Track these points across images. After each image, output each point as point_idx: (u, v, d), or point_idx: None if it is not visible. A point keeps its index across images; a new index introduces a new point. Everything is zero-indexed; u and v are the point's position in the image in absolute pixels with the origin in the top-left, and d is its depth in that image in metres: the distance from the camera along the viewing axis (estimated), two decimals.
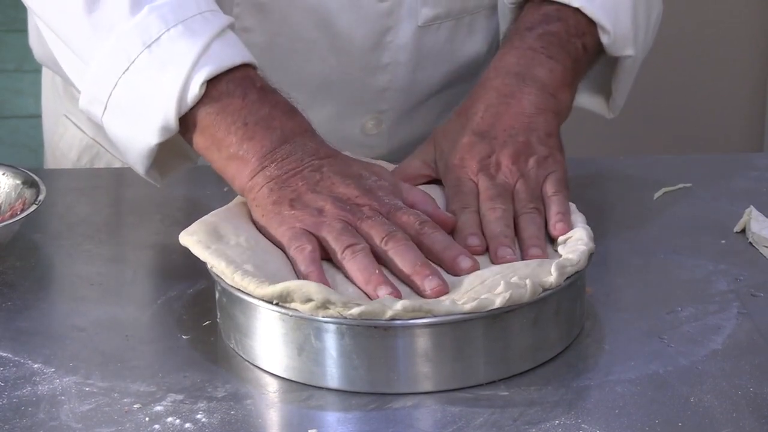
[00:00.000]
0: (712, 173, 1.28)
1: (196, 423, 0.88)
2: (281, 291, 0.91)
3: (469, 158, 1.07)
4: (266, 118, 1.05)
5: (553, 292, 0.93)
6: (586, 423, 0.87)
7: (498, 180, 1.05)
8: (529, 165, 1.07)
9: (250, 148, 1.04)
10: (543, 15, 1.17)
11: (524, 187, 1.05)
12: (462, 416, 0.89)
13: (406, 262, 0.96)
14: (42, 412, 0.90)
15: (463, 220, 1.03)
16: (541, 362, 0.94)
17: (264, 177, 1.02)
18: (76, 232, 1.19)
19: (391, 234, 0.97)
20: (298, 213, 1.00)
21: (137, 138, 1.08)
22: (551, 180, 1.06)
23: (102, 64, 1.08)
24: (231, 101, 1.05)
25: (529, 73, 1.12)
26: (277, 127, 1.04)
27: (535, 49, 1.14)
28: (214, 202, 1.05)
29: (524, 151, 1.07)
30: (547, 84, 1.12)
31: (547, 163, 1.07)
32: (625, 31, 1.19)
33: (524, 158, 1.07)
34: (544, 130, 1.09)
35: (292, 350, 0.92)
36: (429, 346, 0.91)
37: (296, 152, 1.03)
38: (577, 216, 1.03)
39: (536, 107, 1.10)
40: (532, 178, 1.06)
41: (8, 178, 1.16)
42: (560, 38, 1.15)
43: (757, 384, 0.91)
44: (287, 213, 1.00)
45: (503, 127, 1.09)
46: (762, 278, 1.06)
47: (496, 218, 1.02)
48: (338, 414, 0.90)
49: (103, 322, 1.02)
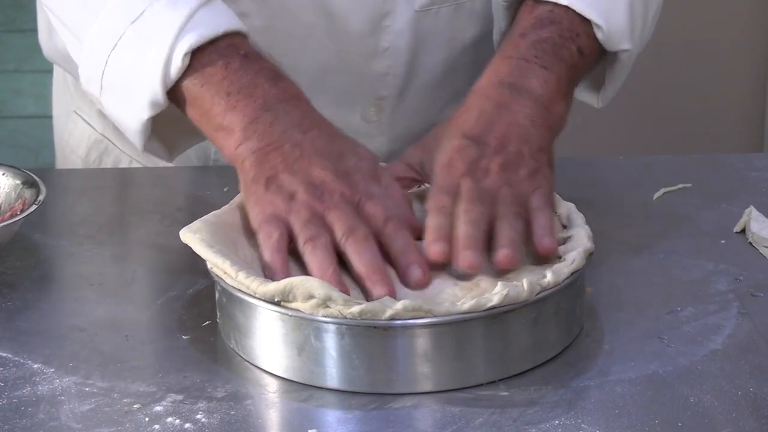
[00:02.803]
0: (712, 173, 1.28)
1: (196, 423, 0.88)
2: (284, 287, 0.91)
3: (457, 159, 1.05)
4: (248, 86, 1.04)
5: (552, 292, 0.93)
6: (586, 423, 0.87)
7: (483, 184, 1.03)
8: (519, 175, 1.04)
9: (232, 119, 1.04)
10: (536, 19, 1.15)
11: (510, 193, 1.02)
12: (462, 416, 0.89)
13: (361, 263, 0.96)
14: (42, 412, 0.90)
15: (433, 223, 0.99)
16: (540, 362, 0.94)
17: (246, 149, 1.03)
18: (76, 232, 1.19)
19: (352, 229, 0.97)
20: (270, 196, 1.00)
21: (130, 114, 1.09)
22: (539, 194, 1.03)
23: (93, 43, 1.09)
24: (214, 71, 1.05)
25: (524, 84, 1.10)
26: (260, 96, 1.04)
27: (529, 59, 1.12)
28: (215, 202, 1.05)
29: (515, 161, 1.05)
30: (541, 96, 1.10)
31: (537, 177, 1.05)
32: (621, 26, 1.17)
33: (514, 168, 1.04)
34: (537, 143, 1.07)
35: (292, 350, 0.92)
36: (429, 346, 0.91)
37: (279, 123, 1.03)
38: (577, 216, 1.03)
39: (530, 120, 1.08)
40: (519, 187, 1.03)
41: (8, 178, 1.16)
42: (554, 44, 1.13)
43: (756, 384, 0.91)
44: (261, 194, 1.00)
45: (496, 135, 1.06)
46: (762, 278, 1.06)
47: (468, 220, 0.99)
48: (338, 414, 0.90)
49: (103, 322, 1.02)
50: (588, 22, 1.15)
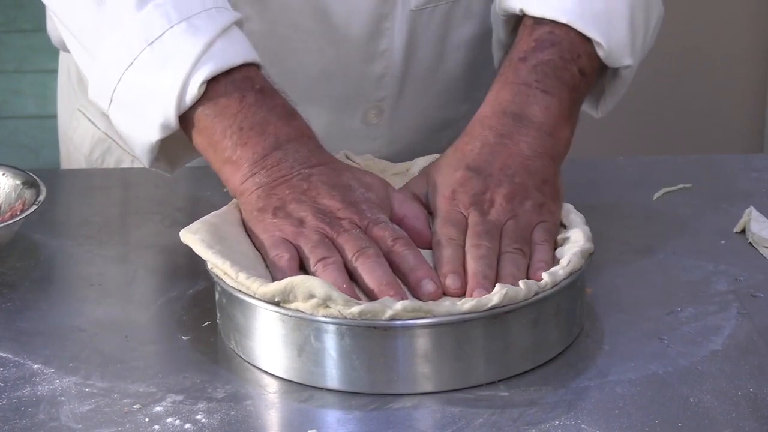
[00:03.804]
0: (712, 173, 1.28)
1: (196, 423, 0.88)
2: (285, 286, 0.91)
3: (461, 192, 1.04)
4: (261, 123, 1.04)
5: (552, 293, 0.93)
6: (586, 423, 0.87)
7: (489, 216, 1.02)
8: (524, 207, 1.03)
9: (243, 154, 1.04)
10: (536, 41, 1.14)
11: (514, 227, 1.01)
12: (462, 417, 0.89)
13: (373, 279, 0.95)
14: (42, 412, 0.90)
15: (446, 255, 0.99)
16: (540, 362, 0.94)
17: (254, 183, 1.03)
18: (76, 232, 1.19)
19: (363, 250, 0.97)
20: (279, 222, 1.00)
21: (139, 133, 1.09)
22: (542, 228, 1.02)
23: (107, 60, 1.08)
24: (228, 104, 1.05)
25: (526, 112, 1.09)
26: (272, 133, 1.04)
27: (530, 84, 1.10)
28: (215, 203, 1.05)
29: (520, 192, 1.04)
30: (543, 123, 1.09)
31: (542, 210, 1.04)
32: (622, 42, 1.16)
33: (519, 200, 1.04)
34: (541, 175, 1.06)
35: (292, 351, 0.92)
36: (429, 347, 0.91)
37: (287, 159, 1.03)
38: (576, 216, 1.03)
39: (534, 150, 1.07)
40: (524, 221, 1.02)
41: (8, 178, 1.16)
42: (555, 67, 1.12)
43: (756, 384, 0.91)
44: (270, 221, 1.00)
45: (500, 166, 1.06)
46: (762, 279, 1.06)
47: (480, 256, 0.98)
48: (338, 414, 0.90)
49: (103, 323, 1.02)
50: (589, 41, 1.14)
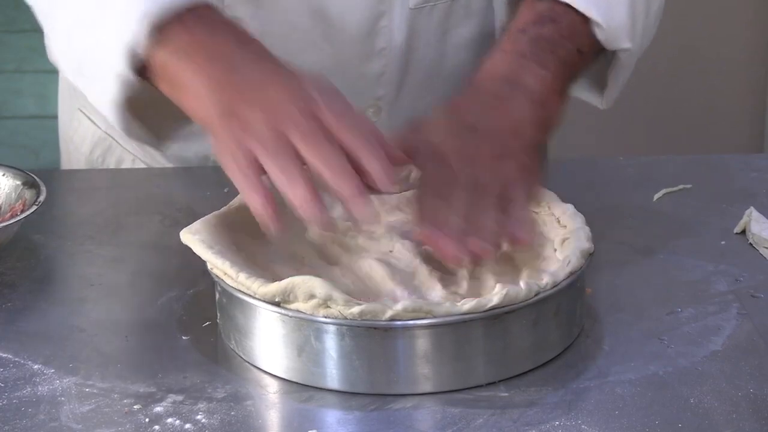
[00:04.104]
0: (712, 174, 1.28)
1: (196, 424, 0.88)
2: (285, 287, 0.91)
3: (450, 145, 1.06)
4: (214, 51, 1.05)
5: (552, 293, 0.93)
6: (586, 424, 0.87)
7: (472, 170, 1.04)
8: (509, 167, 1.05)
9: (201, 82, 1.03)
10: (536, 15, 1.15)
11: (497, 184, 1.03)
12: (462, 417, 0.89)
13: (328, 171, 0.96)
14: (42, 412, 0.90)
15: (428, 204, 1.01)
16: (540, 363, 0.94)
17: (213, 104, 1.02)
18: (76, 232, 1.19)
19: (313, 139, 0.97)
20: (234, 127, 0.99)
21: (103, 94, 1.08)
22: (522, 187, 1.04)
23: (55, 22, 1.10)
24: (180, 39, 1.05)
25: (520, 80, 1.11)
26: (227, 59, 1.04)
27: (525, 55, 1.12)
28: (214, 203, 1.05)
29: (507, 153, 1.06)
30: (536, 92, 1.10)
31: (527, 172, 1.05)
32: (621, 24, 1.17)
33: (507, 160, 1.05)
34: (530, 139, 1.08)
35: (292, 351, 0.92)
36: (429, 347, 0.91)
37: (245, 78, 1.03)
38: (576, 216, 1.03)
39: (523, 115, 1.09)
40: (507, 179, 1.04)
41: (8, 179, 1.16)
42: (552, 42, 1.14)
43: (757, 385, 0.91)
44: (224, 121, 1.00)
45: (491, 127, 1.07)
46: (762, 279, 1.07)
47: (459, 209, 1.00)
48: (338, 415, 0.90)
49: (103, 323, 1.02)
50: (588, 20, 1.15)
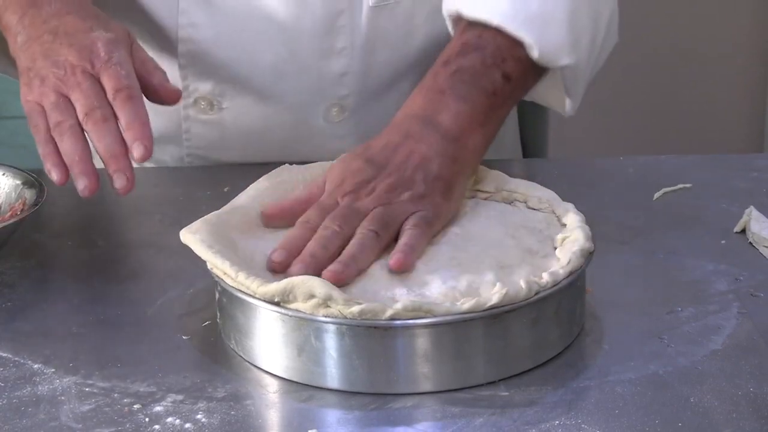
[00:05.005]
0: (712, 173, 1.28)
1: (196, 423, 0.88)
2: (285, 287, 0.91)
3: (349, 180, 1.04)
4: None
5: (552, 292, 0.93)
6: (586, 423, 0.87)
7: (358, 203, 1.02)
8: (401, 197, 1.03)
9: (9, 18, 1.13)
10: (461, 45, 1.13)
11: (381, 213, 1.01)
12: (462, 416, 0.89)
13: (102, 147, 1.03)
14: (42, 412, 0.90)
15: (290, 233, 1.00)
16: (541, 362, 0.94)
17: (18, 44, 1.11)
18: (75, 232, 1.19)
19: (91, 111, 1.03)
20: (32, 84, 1.08)
21: None
22: (416, 216, 1.01)
23: None
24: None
25: (435, 118, 1.09)
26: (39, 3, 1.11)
27: (443, 91, 1.10)
28: (214, 202, 1.05)
29: (404, 184, 1.04)
30: (450, 130, 1.08)
31: (422, 201, 1.03)
32: (558, 42, 1.15)
33: (400, 191, 1.03)
34: (435, 172, 1.05)
35: (292, 350, 0.92)
36: (429, 346, 0.91)
37: (41, 15, 1.11)
38: (576, 216, 1.03)
39: (435, 151, 1.07)
40: (396, 209, 1.02)
41: (8, 178, 1.16)
42: (473, 74, 1.11)
43: (757, 384, 0.91)
44: (24, 84, 1.09)
45: (396, 162, 1.06)
46: (762, 278, 1.06)
47: (319, 237, 0.98)
48: (338, 414, 0.90)
49: (103, 322, 1.02)
50: (520, 44, 1.13)
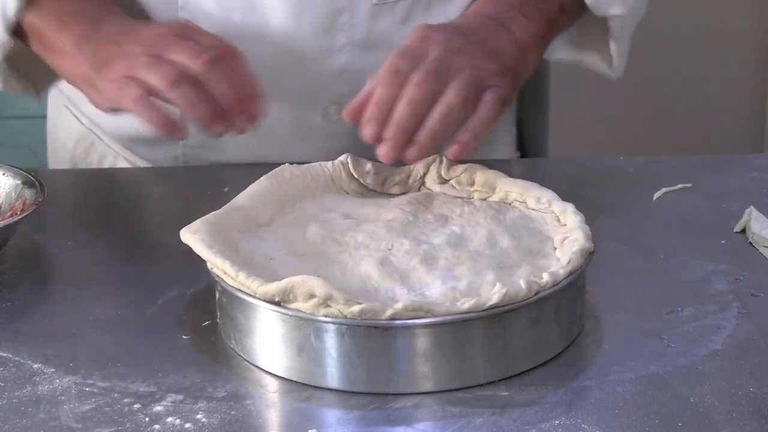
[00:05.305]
0: (712, 173, 1.28)
1: (196, 423, 0.88)
2: (285, 286, 0.91)
3: (437, 32, 1.10)
4: (77, 10, 1.14)
5: (552, 292, 0.93)
6: (586, 423, 0.87)
7: (451, 59, 1.07)
8: (487, 66, 1.09)
9: (65, 38, 1.13)
10: None
11: (473, 77, 1.07)
12: (462, 416, 0.89)
13: (224, 86, 1.07)
14: (42, 412, 0.90)
15: (377, 93, 1.06)
16: (541, 362, 0.94)
17: (82, 57, 1.11)
18: (76, 232, 1.19)
19: (199, 54, 1.06)
20: (111, 67, 1.08)
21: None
22: (494, 91, 1.08)
23: None
24: (46, 3, 1.15)
25: (505, 23, 1.16)
26: (87, 14, 1.13)
27: (512, 6, 1.17)
28: (214, 202, 1.05)
29: (488, 55, 1.10)
30: (519, 38, 1.15)
31: (504, 79, 1.10)
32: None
33: (486, 59, 1.09)
34: (510, 60, 1.12)
35: (292, 350, 0.92)
36: (429, 346, 0.91)
37: (104, 28, 1.12)
38: (576, 215, 1.03)
39: (507, 48, 1.13)
40: (483, 75, 1.08)
41: (8, 178, 1.16)
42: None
43: (757, 384, 0.91)
44: (105, 72, 1.08)
45: (480, 34, 1.12)
46: (762, 278, 1.07)
47: (411, 100, 1.04)
48: (338, 414, 0.90)
49: (103, 322, 1.02)
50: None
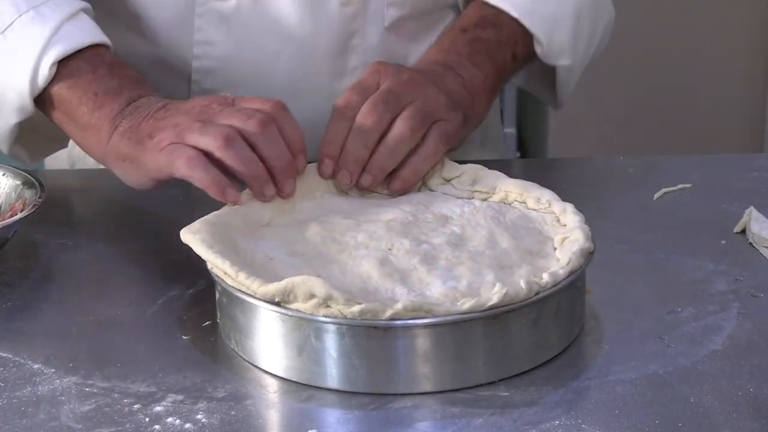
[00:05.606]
0: (712, 173, 1.28)
1: (196, 423, 0.88)
2: (285, 287, 0.91)
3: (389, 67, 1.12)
4: (115, 88, 1.12)
5: (552, 292, 0.93)
6: (586, 423, 0.87)
7: (400, 89, 1.10)
8: (439, 100, 1.10)
9: (101, 115, 1.11)
10: (480, 18, 1.21)
11: (422, 109, 1.09)
12: (462, 416, 0.89)
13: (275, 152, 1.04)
14: (42, 412, 0.90)
15: (329, 130, 1.09)
16: (541, 362, 0.94)
17: (119, 134, 1.09)
18: (75, 232, 1.19)
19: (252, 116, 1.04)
20: (159, 138, 1.06)
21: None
22: (441, 126, 1.09)
23: None
24: (81, 76, 1.13)
25: (455, 70, 1.17)
26: (124, 94, 1.12)
27: (462, 54, 1.18)
28: (215, 203, 1.05)
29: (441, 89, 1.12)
30: (467, 83, 1.17)
31: (452, 114, 1.11)
32: (562, 43, 1.23)
33: (438, 93, 1.11)
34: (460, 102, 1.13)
35: (292, 350, 0.92)
36: (429, 347, 0.91)
37: (143, 106, 1.11)
38: (576, 215, 1.03)
39: (456, 89, 1.15)
40: (432, 108, 1.10)
41: (8, 178, 1.16)
42: (489, 46, 1.19)
43: (756, 384, 0.91)
44: (150, 144, 1.06)
45: (432, 72, 1.14)
46: (762, 278, 1.07)
47: (360, 130, 1.07)
48: (338, 414, 0.90)
49: (103, 322, 1.02)
50: (529, 34, 1.22)
